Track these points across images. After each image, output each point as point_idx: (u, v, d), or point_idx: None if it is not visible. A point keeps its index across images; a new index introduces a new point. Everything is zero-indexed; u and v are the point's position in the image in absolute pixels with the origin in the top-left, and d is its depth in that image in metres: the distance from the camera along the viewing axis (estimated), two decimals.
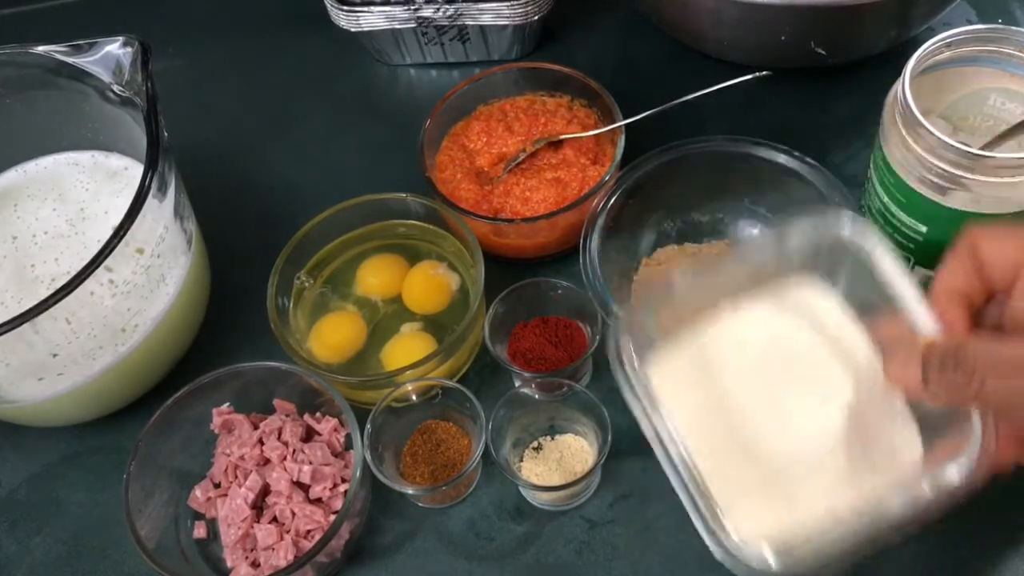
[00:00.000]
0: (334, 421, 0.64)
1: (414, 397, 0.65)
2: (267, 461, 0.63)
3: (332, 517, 0.61)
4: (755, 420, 0.46)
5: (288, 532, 0.60)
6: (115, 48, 0.65)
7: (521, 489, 0.64)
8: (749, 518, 0.43)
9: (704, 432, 0.46)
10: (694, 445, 0.44)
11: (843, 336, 0.48)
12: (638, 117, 0.72)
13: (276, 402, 0.65)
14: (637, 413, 0.45)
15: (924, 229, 0.59)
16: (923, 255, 0.61)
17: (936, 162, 0.55)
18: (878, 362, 0.46)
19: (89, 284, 0.57)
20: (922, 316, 0.45)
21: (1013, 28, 0.58)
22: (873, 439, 0.46)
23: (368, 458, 0.60)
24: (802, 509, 0.44)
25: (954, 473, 0.42)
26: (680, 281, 0.47)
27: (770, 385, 0.47)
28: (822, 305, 0.49)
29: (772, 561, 0.42)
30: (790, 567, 0.42)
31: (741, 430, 0.46)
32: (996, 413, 0.43)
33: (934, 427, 0.45)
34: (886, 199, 0.61)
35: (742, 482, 0.45)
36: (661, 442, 0.44)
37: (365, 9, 0.81)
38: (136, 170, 0.71)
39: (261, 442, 0.64)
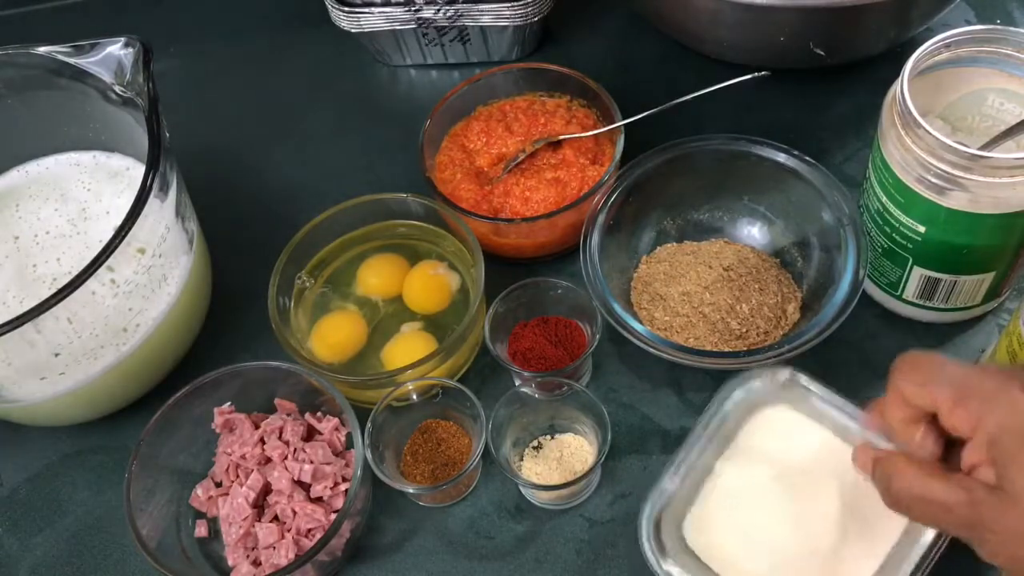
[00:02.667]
0: (335, 420, 0.64)
1: (415, 396, 0.65)
2: (268, 460, 0.63)
3: (333, 516, 0.61)
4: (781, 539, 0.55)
5: (289, 531, 0.60)
6: (116, 49, 0.65)
7: (521, 488, 0.64)
8: None
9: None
10: None
11: (823, 448, 0.57)
12: (637, 117, 0.72)
13: (277, 401, 0.66)
14: None
15: (923, 229, 0.60)
16: (922, 255, 0.61)
17: (934, 162, 0.56)
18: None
19: (91, 284, 0.57)
20: (864, 437, 0.52)
21: (1011, 29, 0.59)
22: (874, 513, 0.53)
23: (369, 457, 0.60)
24: None
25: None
26: (668, 485, 0.57)
27: (781, 507, 0.56)
28: (800, 432, 0.58)
29: None
30: None
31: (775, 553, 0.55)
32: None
33: None
34: (884, 199, 0.61)
35: None
36: None
37: (365, 10, 0.81)
38: (137, 170, 0.72)
39: (262, 441, 0.64)
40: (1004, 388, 0.43)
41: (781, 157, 0.68)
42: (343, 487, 0.62)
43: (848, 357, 0.67)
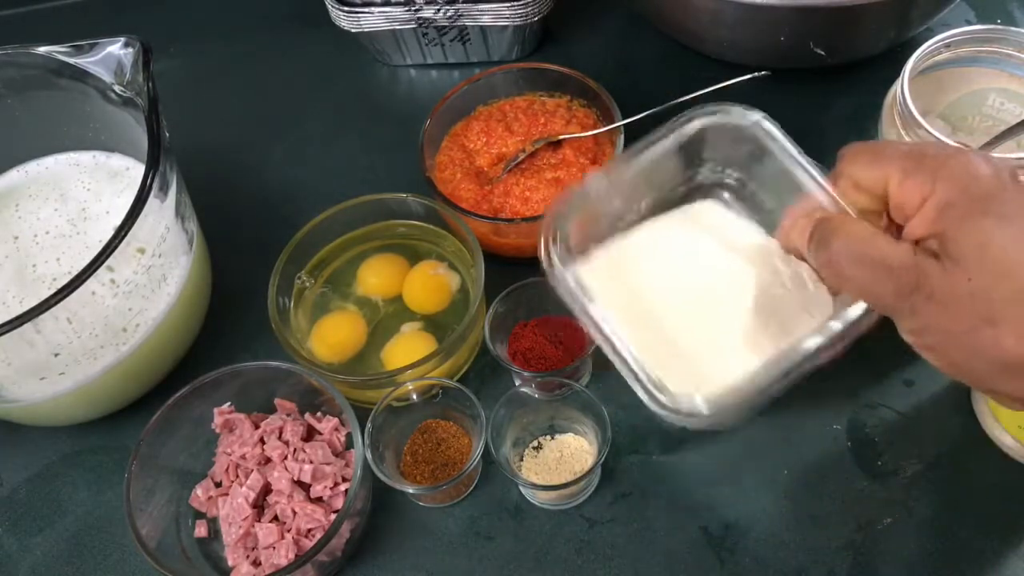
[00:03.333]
0: (335, 420, 0.64)
1: (414, 396, 0.65)
2: (268, 460, 0.63)
3: (333, 516, 0.61)
4: (674, 311, 0.50)
5: (289, 531, 0.60)
6: (116, 49, 0.65)
7: (521, 488, 0.64)
8: (681, 382, 0.47)
9: (632, 320, 0.49)
10: (627, 330, 0.48)
11: (743, 236, 0.52)
12: (637, 117, 0.72)
13: (277, 401, 0.66)
14: (575, 307, 0.48)
15: None
16: None
17: None
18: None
19: (91, 284, 0.57)
20: (824, 193, 0.46)
21: (1012, 28, 0.59)
22: (785, 307, 0.49)
23: (369, 457, 0.60)
24: (726, 371, 0.48)
25: (856, 309, 0.45)
26: (595, 184, 0.50)
27: (683, 281, 0.51)
28: (723, 216, 0.53)
29: (703, 407, 0.46)
30: (719, 410, 0.46)
31: (663, 319, 0.50)
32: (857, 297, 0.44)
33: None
34: None
35: (671, 358, 0.49)
36: (600, 329, 0.48)
37: (365, 10, 0.81)
38: (137, 170, 0.72)
39: (262, 441, 0.64)
40: (956, 154, 0.42)
41: None
42: (343, 487, 0.62)
43: (846, 356, 0.66)
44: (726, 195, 0.54)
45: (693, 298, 0.51)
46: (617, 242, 0.52)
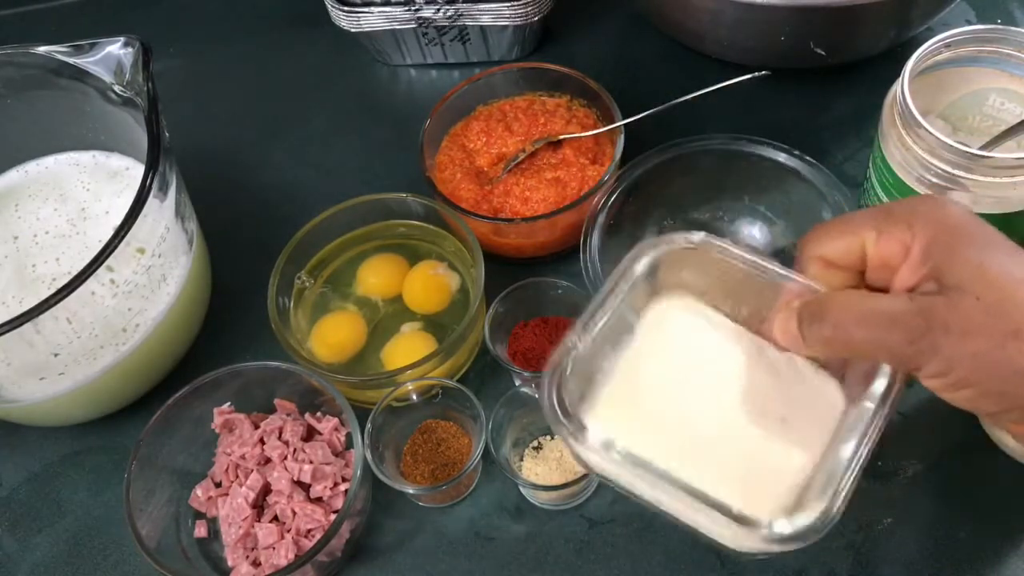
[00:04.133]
0: (335, 420, 0.64)
1: (414, 396, 0.65)
2: (268, 460, 0.63)
3: (333, 516, 0.61)
4: (707, 428, 0.47)
5: (289, 531, 0.60)
6: (116, 48, 0.65)
7: (521, 488, 0.64)
8: (751, 505, 0.43)
9: (663, 451, 0.45)
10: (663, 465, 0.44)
11: (726, 331, 0.49)
12: (637, 117, 0.72)
13: (277, 401, 0.66)
14: (618, 485, 0.46)
15: None
16: None
17: (935, 162, 0.56)
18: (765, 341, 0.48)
19: (90, 284, 0.57)
20: (795, 282, 0.46)
21: (1012, 28, 0.59)
22: (800, 398, 0.46)
23: (368, 457, 0.60)
24: (790, 483, 0.45)
25: (879, 387, 0.43)
26: (576, 341, 0.47)
27: (682, 393, 0.47)
28: (692, 314, 0.50)
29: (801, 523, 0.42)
30: (816, 523, 0.43)
31: (687, 439, 0.46)
32: (872, 360, 0.43)
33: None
34: (885, 199, 0.61)
35: (729, 483, 0.44)
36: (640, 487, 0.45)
37: (365, 9, 0.81)
38: (137, 170, 0.72)
39: (262, 441, 0.64)
40: (921, 200, 0.43)
41: (781, 157, 0.68)
42: (343, 487, 0.62)
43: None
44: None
45: (717, 410, 0.47)
46: (614, 379, 0.48)
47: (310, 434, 0.65)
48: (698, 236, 0.48)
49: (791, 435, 0.46)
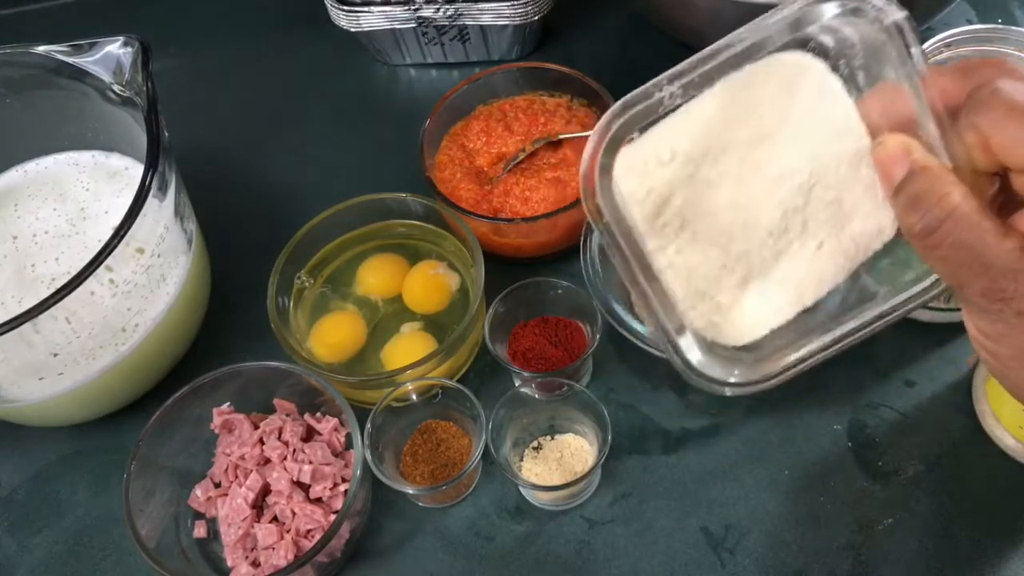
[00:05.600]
0: (334, 421, 0.64)
1: (414, 397, 0.65)
2: (267, 461, 0.63)
3: (332, 516, 0.61)
4: (736, 217, 0.42)
5: (288, 531, 0.60)
6: (115, 48, 0.65)
7: (521, 489, 0.64)
8: (706, 321, 0.41)
9: (681, 234, 0.42)
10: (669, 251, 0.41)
11: (838, 113, 0.42)
12: None
13: (276, 402, 0.66)
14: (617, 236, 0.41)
15: None
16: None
17: None
18: (851, 138, 0.42)
19: (89, 284, 0.57)
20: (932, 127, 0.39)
21: (1012, 28, 0.59)
22: (855, 219, 0.42)
23: (368, 458, 0.60)
24: (769, 314, 0.42)
25: (924, 284, 0.41)
26: (664, 90, 0.42)
27: (756, 175, 0.42)
28: (821, 79, 0.42)
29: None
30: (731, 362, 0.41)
31: (720, 228, 0.42)
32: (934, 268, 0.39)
33: None
34: None
35: (714, 283, 0.42)
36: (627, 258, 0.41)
37: (365, 9, 0.81)
38: (136, 170, 0.71)
39: (261, 442, 0.64)
40: None
41: None
42: (343, 488, 0.62)
43: (847, 355, 0.66)
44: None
45: (740, 192, 0.42)
46: (676, 119, 0.42)
47: (310, 434, 0.65)
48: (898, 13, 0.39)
49: (814, 253, 0.41)
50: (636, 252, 0.41)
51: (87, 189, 0.73)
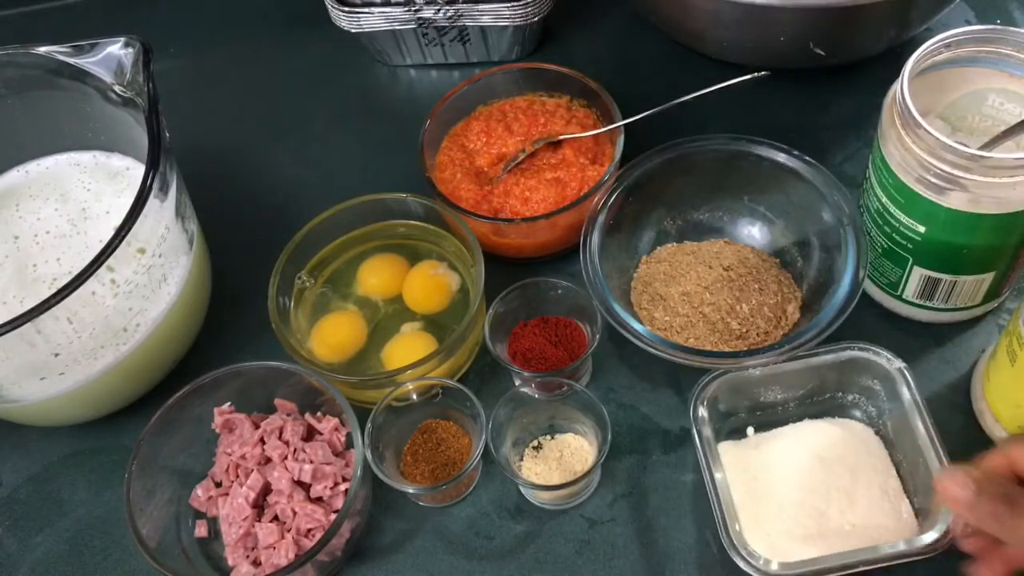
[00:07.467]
0: (335, 420, 0.64)
1: (415, 396, 0.65)
2: (268, 460, 0.63)
3: (333, 516, 0.61)
4: (788, 488, 0.60)
5: (289, 531, 0.60)
6: (116, 49, 0.65)
7: (521, 488, 0.64)
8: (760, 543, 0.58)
9: (747, 483, 0.61)
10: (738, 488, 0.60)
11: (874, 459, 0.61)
12: (637, 117, 0.72)
13: (277, 401, 0.66)
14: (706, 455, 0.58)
15: (922, 229, 0.60)
16: (922, 255, 0.61)
17: (934, 162, 0.56)
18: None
19: (91, 284, 0.57)
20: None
21: (1011, 28, 0.59)
22: (876, 515, 0.59)
23: (369, 457, 0.60)
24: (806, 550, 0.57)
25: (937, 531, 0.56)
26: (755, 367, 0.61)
27: (808, 471, 0.60)
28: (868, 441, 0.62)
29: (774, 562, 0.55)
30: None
31: (775, 491, 0.60)
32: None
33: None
34: (884, 199, 0.61)
35: (762, 522, 0.59)
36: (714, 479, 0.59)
37: (365, 10, 0.81)
38: (137, 170, 0.72)
39: (262, 441, 0.64)
40: None
41: (781, 157, 0.68)
42: (343, 487, 0.62)
43: None
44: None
45: (807, 482, 0.60)
46: (760, 438, 0.63)
47: (310, 434, 0.65)
48: (898, 362, 0.61)
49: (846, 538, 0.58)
50: None
51: (88, 189, 0.73)
